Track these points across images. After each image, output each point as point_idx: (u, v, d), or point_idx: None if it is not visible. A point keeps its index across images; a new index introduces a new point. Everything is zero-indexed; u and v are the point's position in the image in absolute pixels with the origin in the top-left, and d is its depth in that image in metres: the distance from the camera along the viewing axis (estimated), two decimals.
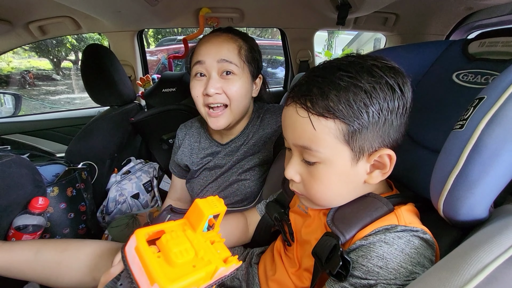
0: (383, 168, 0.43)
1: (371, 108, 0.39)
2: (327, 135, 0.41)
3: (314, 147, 0.42)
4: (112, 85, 1.18)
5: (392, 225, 0.39)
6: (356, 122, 0.39)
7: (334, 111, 0.39)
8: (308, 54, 1.61)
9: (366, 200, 0.44)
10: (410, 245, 0.37)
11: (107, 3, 1.03)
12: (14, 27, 1.27)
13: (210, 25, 1.43)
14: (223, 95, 0.70)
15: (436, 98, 0.59)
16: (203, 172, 0.86)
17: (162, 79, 1.33)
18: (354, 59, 0.43)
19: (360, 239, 0.40)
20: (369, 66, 0.41)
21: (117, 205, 1.17)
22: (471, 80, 0.53)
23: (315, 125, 0.41)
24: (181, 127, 0.92)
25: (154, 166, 1.38)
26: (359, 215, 0.42)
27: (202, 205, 0.30)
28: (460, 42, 0.59)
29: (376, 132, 0.41)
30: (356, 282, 0.37)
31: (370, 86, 0.39)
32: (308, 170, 0.45)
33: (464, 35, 1.40)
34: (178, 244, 0.27)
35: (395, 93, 0.40)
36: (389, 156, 0.42)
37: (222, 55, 0.69)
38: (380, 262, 0.36)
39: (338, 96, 0.39)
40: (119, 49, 1.45)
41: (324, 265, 0.40)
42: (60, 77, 9.84)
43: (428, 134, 0.57)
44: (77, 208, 0.95)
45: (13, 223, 0.61)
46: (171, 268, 0.25)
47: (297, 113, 0.42)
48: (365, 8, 1.23)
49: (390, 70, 0.41)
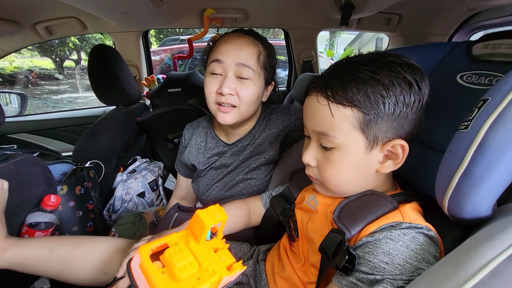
0: (396, 159, 0.45)
1: (387, 100, 0.42)
2: (344, 122, 0.44)
3: (332, 133, 0.45)
4: (118, 85, 1.19)
5: (397, 222, 0.41)
6: (372, 111, 0.42)
7: (352, 100, 0.42)
8: (312, 54, 1.62)
9: (371, 198, 0.46)
10: (415, 241, 0.39)
11: (113, 4, 1.05)
12: (22, 28, 1.28)
13: (214, 25, 1.44)
14: (235, 96, 0.71)
15: (440, 98, 0.60)
16: (209, 171, 0.87)
17: (168, 79, 1.34)
18: (375, 55, 0.45)
19: (366, 236, 0.41)
20: (388, 62, 0.44)
21: (123, 204, 1.19)
22: (475, 82, 0.54)
23: (333, 113, 0.44)
24: (188, 127, 0.93)
25: (159, 165, 1.39)
26: (364, 212, 0.44)
27: (203, 216, 0.31)
28: (464, 44, 0.60)
29: (391, 123, 0.43)
30: (363, 277, 0.38)
31: (388, 80, 0.42)
32: (324, 155, 0.48)
33: (467, 36, 1.41)
34: (182, 258, 0.27)
35: (412, 88, 0.43)
36: (402, 146, 0.44)
37: (241, 58, 0.70)
38: (386, 258, 0.38)
39: (357, 87, 0.42)
40: (125, 49, 1.47)
41: (331, 260, 0.41)
42: (62, 77, 9.89)
43: (433, 134, 0.58)
44: (85, 206, 0.97)
45: (26, 220, 0.63)
46: (176, 283, 0.26)
47: (318, 101, 0.46)
48: (369, 9, 1.24)
49: (409, 67, 0.44)
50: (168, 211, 0.79)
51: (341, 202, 0.48)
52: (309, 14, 1.43)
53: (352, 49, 7.83)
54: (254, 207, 0.73)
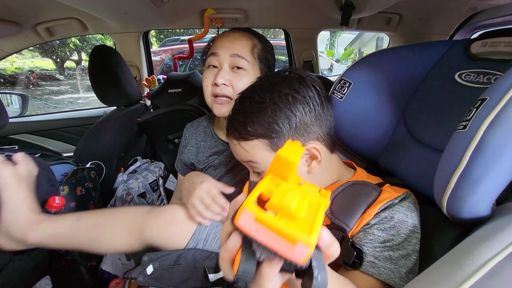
0: (317, 158, 0.51)
1: (279, 120, 0.49)
2: (258, 151, 0.51)
3: (253, 161, 0.52)
4: (119, 86, 1.19)
5: (389, 202, 0.46)
6: (273, 134, 0.49)
7: (254, 134, 0.50)
8: (312, 54, 1.62)
9: (356, 188, 0.50)
10: (410, 210, 0.46)
11: (114, 5, 1.05)
12: (23, 29, 1.29)
13: (214, 26, 1.44)
14: (230, 88, 0.73)
15: (439, 97, 0.60)
16: (208, 170, 0.87)
17: (168, 80, 1.34)
18: (261, 83, 0.54)
19: (364, 227, 0.45)
20: (270, 85, 0.51)
21: (124, 204, 1.19)
22: (473, 80, 0.54)
23: (245, 148, 0.52)
24: (188, 126, 0.94)
25: (160, 166, 1.40)
26: (355, 203, 0.47)
27: (287, 155, 0.28)
28: (463, 42, 0.60)
29: (293, 135, 0.49)
30: (379, 254, 0.43)
31: (272, 103, 0.49)
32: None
33: (467, 35, 1.40)
34: (291, 199, 0.26)
35: (294, 99, 0.49)
36: (315, 148, 0.50)
37: (235, 50, 0.73)
38: (393, 231, 0.44)
39: (252, 121, 0.50)
40: (125, 50, 1.47)
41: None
42: (63, 77, 9.92)
43: (431, 133, 0.58)
44: (86, 207, 0.97)
45: None
46: (299, 223, 0.25)
47: (232, 142, 0.55)
48: (369, 8, 1.24)
49: (285, 81, 0.51)
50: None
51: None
52: (309, 14, 1.43)
53: (353, 49, 7.81)
54: None
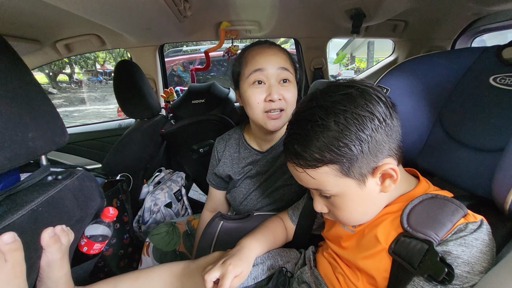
0: (392, 177, 0.47)
1: (350, 143, 0.44)
2: (327, 177, 0.46)
3: (323, 188, 0.48)
4: (143, 99, 1.22)
5: (463, 223, 0.43)
6: (344, 159, 0.44)
7: (322, 160, 0.45)
8: (322, 61, 1.67)
9: (437, 203, 0.47)
10: (485, 243, 0.41)
11: (139, 20, 1.08)
12: (43, 46, 1.31)
13: (229, 37, 1.49)
14: (283, 101, 0.75)
15: (474, 100, 0.64)
16: (245, 180, 0.89)
17: (190, 91, 1.37)
18: (319, 102, 0.47)
19: (440, 244, 0.43)
20: (332, 104, 0.45)
21: (151, 215, 1.20)
22: (509, 83, 0.59)
23: (313, 176, 0.47)
24: (219, 140, 0.95)
25: (181, 175, 1.41)
26: (438, 219, 0.44)
27: None
28: (493, 49, 0.65)
29: (366, 156, 0.45)
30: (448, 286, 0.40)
31: (340, 126, 0.44)
32: (329, 202, 0.52)
33: (470, 39, 1.48)
34: None
35: (364, 118, 0.44)
36: (392, 169, 0.46)
37: (281, 63, 0.75)
38: (467, 268, 0.40)
39: (318, 147, 0.45)
40: (142, 63, 1.49)
41: (418, 269, 0.42)
42: (56, 91, 9.83)
43: (468, 134, 0.62)
44: (121, 219, 0.98)
45: (85, 232, 0.65)
46: None
47: (296, 170, 0.50)
48: (379, 16, 1.30)
49: (350, 101, 0.45)
50: (212, 219, 0.81)
51: (403, 211, 0.48)
52: (320, 24, 1.49)
53: (345, 53, 7.99)
54: (286, 222, 0.76)
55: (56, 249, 0.50)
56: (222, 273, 0.54)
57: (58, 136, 0.55)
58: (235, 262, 0.56)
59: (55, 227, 0.51)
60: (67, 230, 0.53)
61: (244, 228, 0.78)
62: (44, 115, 0.53)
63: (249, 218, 0.80)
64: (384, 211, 0.52)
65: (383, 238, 0.49)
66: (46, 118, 0.53)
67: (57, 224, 0.51)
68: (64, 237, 0.52)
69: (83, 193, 0.60)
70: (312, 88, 1.45)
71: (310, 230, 0.74)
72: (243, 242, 0.65)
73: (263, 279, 0.66)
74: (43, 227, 0.48)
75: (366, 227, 0.53)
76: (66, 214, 0.54)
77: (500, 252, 0.45)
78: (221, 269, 0.55)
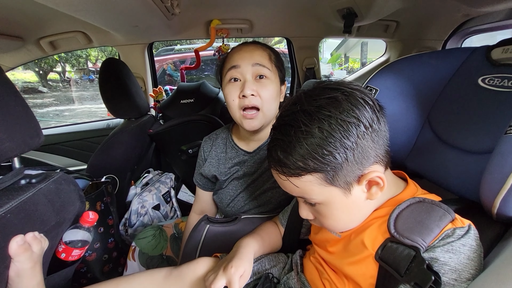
0: (378, 184, 0.45)
1: (334, 152, 0.42)
2: (312, 186, 0.45)
3: (307, 196, 0.47)
4: (130, 98, 1.19)
5: (450, 229, 0.42)
6: (328, 168, 0.42)
7: (305, 169, 0.43)
8: (314, 61, 1.66)
9: (424, 207, 0.45)
10: (472, 250, 0.40)
11: (126, 18, 1.05)
12: (25, 43, 1.26)
13: (220, 36, 1.46)
14: (258, 97, 0.74)
15: (463, 101, 0.63)
16: (231, 182, 0.87)
17: (179, 90, 1.34)
18: (303, 106, 0.44)
19: (428, 251, 0.41)
20: (316, 109, 0.43)
21: (138, 217, 1.17)
22: (497, 84, 0.58)
23: (297, 184, 0.46)
24: (206, 140, 0.93)
25: (170, 177, 1.38)
26: (425, 224, 0.43)
27: None
28: (483, 49, 0.64)
29: (352, 164, 0.43)
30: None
31: (322, 132, 0.42)
32: (314, 209, 0.51)
33: (460, 40, 1.49)
34: None
35: (349, 125, 0.42)
36: (378, 177, 0.45)
37: (256, 59, 0.74)
38: (454, 275, 0.39)
39: (301, 155, 0.43)
40: (130, 62, 1.46)
41: (404, 277, 0.40)
42: (47, 89, 9.63)
43: (457, 135, 0.61)
44: (106, 222, 0.95)
45: (63, 238, 0.62)
46: None
47: (280, 177, 0.48)
48: (371, 17, 1.30)
49: (335, 106, 0.43)
50: (198, 223, 0.78)
51: (390, 216, 0.46)
52: (312, 23, 1.48)
53: (339, 54, 8.03)
54: (279, 226, 0.76)
55: (26, 257, 0.47)
56: (228, 279, 0.53)
57: (31, 138, 0.52)
58: (236, 263, 0.55)
59: (26, 235, 0.48)
60: (39, 237, 0.50)
61: (231, 232, 0.76)
62: (15, 116, 0.50)
63: (237, 222, 0.78)
64: (372, 215, 0.50)
65: (370, 244, 0.47)
66: (17, 119, 0.50)
67: (28, 231, 0.48)
68: (36, 244, 0.49)
69: (59, 197, 0.57)
70: (303, 88, 1.43)
71: (298, 234, 0.73)
72: (240, 242, 0.65)
73: (248, 283, 0.64)
74: (12, 235, 0.45)
75: (353, 232, 0.52)
76: (39, 220, 0.51)
77: (487, 256, 0.44)
78: (225, 275, 0.53)
